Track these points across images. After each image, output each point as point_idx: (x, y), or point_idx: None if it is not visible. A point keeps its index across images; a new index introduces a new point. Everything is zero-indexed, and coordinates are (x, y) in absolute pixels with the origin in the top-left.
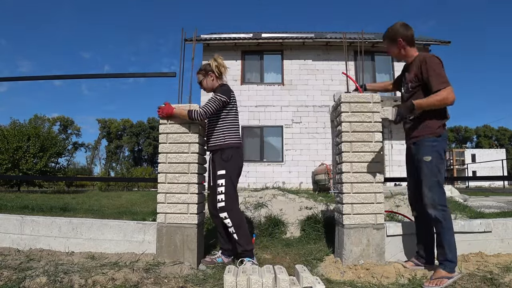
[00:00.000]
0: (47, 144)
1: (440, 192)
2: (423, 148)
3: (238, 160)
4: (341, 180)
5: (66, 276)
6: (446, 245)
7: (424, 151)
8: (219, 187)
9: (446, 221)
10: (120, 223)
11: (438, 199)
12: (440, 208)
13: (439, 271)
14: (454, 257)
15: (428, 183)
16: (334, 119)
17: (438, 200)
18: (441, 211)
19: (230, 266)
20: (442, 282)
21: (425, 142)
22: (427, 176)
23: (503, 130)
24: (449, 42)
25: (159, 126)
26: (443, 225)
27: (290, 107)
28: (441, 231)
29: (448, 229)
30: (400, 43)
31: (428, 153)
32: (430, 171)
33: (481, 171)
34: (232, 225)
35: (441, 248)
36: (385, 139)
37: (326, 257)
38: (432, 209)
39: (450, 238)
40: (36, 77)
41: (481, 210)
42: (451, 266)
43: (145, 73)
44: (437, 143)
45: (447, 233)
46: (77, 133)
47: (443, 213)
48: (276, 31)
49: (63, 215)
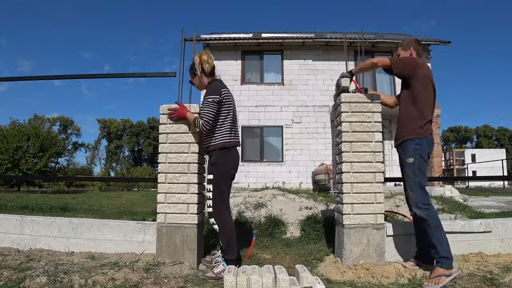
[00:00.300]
0: (46, 144)
1: (422, 192)
2: (406, 150)
3: (227, 162)
4: (341, 180)
5: (66, 276)
6: (437, 242)
7: (407, 153)
8: (208, 192)
9: (432, 219)
10: (120, 223)
11: (420, 199)
12: (423, 207)
13: (436, 269)
14: (448, 253)
15: (410, 184)
16: (334, 119)
17: (420, 200)
18: (425, 209)
19: (230, 266)
20: (441, 280)
21: (409, 145)
22: (409, 177)
23: (503, 130)
24: (449, 42)
25: (159, 126)
26: (429, 224)
27: (290, 107)
28: (428, 230)
29: (436, 226)
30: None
31: (410, 155)
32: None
33: (481, 171)
34: (219, 233)
35: (433, 247)
36: (385, 139)
37: (326, 257)
38: (416, 209)
39: (439, 236)
40: (36, 77)
41: (481, 210)
42: (448, 262)
43: (145, 73)
44: (420, 146)
45: (435, 231)
46: (77, 133)
47: (427, 211)
48: (276, 31)
49: (63, 215)
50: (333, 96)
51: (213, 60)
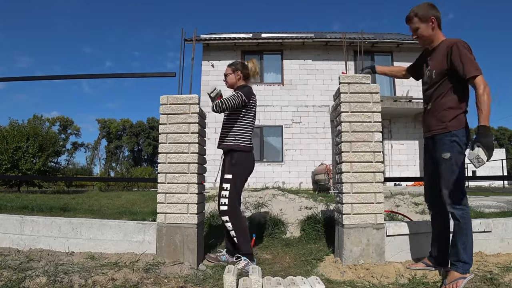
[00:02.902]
0: (45, 143)
1: (460, 191)
2: (441, 144)
3: (247, 164)
4: (341, 180)
5: (66, 276)
6: (461, 245)
7: (443, 147)
8: (224, 191)
9: (465, 220)
10: (120, 223)
11: (458, 198)
12: (459, 207)
13: (452, 273)
14: (469, 259)
15: (447, 182)
16: (334, 119)
17: (457, 199)
18: (461, 210)
19: (230, 266)
20: (458, 284)
21: (444, 137)
22: (447, 174)
23: (503, 130)
24: None
25: (159, 126)
26: (460, 224)
27: (290, 107)
28: (457, 230)
29: (466, 229)
30: (434, 21)
31: (447, 150)
32: (450, 169)
33: (481, 171)
34: (233, 229)
35: (455, 248)
36: (385, 139)
37: (326, 257)
38: (451, 208)
39: (466, 239)
40: (36, 77)
41: (481, 209)
42: (465, 267)
43: (144, 73)
44: (457, 137)
45: (464, 233)
46: (77, 133)
47: (462, 211)
48: (276, 31)
49: (63, 215)
50: (333, 96)
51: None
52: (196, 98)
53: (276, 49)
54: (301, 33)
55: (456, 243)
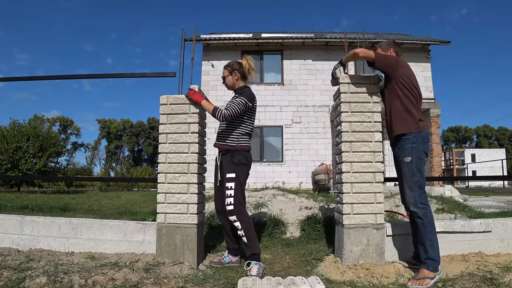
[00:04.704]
0: (46, 144)
1: (421, 191)
2: (403, 148)
3: (249, 164)
4: (341, 180)
5: (66, 276)
6: (428, 243)
7: (405, 152)
8: (228, 190)
9: (427, 218)
10: (120, 223)
11: (418, 198)
12: (421, 206)
13: (422, 270)
14: (437, 256)
15: (408, 183)
16: (334, 119)
17: (418, 198)
18: (422, 209)
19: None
20: (425, 282)
21: (405, 144)
22: (408, 176)
23: (503, 130)
24: (449, 42)
25: (159, 126)
26: (424, 223)
27: (290, 107)
28: (422, 229)
29: (430, 227)
30: None
31: (408, 154)
32: (411, 172)
33: (481, 171)
34: (242, 229)
35: (423, 246)
36: (385, 139)
37: (326, 257)
38: (413, 207)
39: (432, 237)
40: (36, 77)
41: (481, 210)
42: (434, 264)
43: (144, 73)
44: (416, 144)
45: (428, 231)
46: (77, 133)
47: (424, 210)
48: (276, 31)
49: (63, 215)
50: (333, 96)
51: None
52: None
53: (276, 49)
54: (301, 33)
55: (424, 242)
